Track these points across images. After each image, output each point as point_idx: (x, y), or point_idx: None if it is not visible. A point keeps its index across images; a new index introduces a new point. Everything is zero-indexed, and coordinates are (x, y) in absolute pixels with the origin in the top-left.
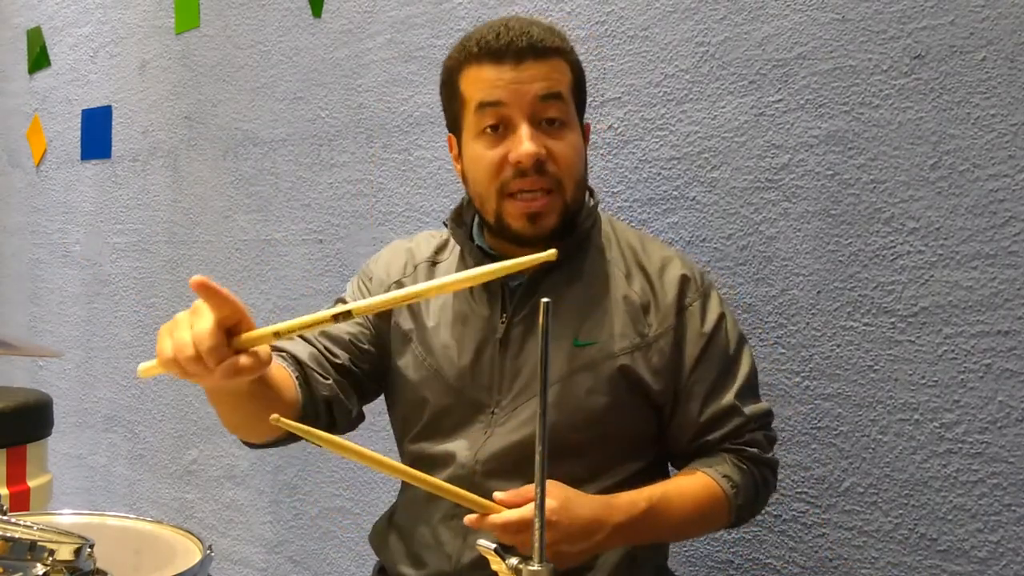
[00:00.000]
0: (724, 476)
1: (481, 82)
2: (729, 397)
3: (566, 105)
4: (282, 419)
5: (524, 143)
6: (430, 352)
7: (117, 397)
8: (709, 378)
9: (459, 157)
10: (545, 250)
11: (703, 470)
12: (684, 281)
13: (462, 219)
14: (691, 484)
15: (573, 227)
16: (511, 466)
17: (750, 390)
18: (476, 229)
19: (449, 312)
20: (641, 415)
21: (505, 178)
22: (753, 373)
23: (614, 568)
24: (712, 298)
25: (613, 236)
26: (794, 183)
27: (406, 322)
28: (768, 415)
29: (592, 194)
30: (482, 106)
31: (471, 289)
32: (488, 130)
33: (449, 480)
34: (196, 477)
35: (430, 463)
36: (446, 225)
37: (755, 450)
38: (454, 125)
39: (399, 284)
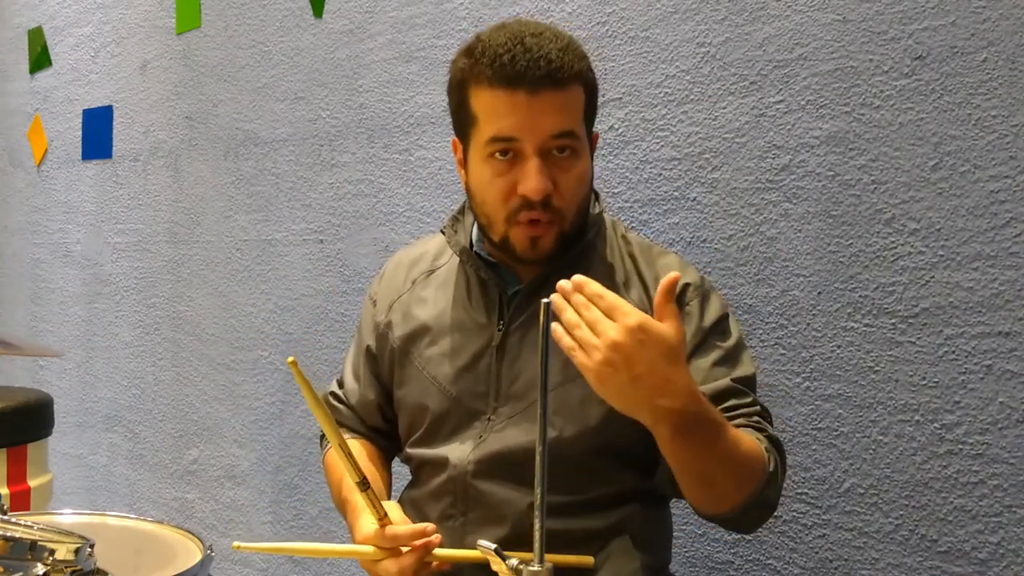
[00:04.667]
0: (756, 438)
1: (494, 111)
2: (726, 380)
3: (578, 137)
4: (242, 545)
5: (533, 178)
6: (429, 361)
7: (118, 397)
8: (705, 366)
9: (463, 164)
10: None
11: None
12: (682, 287)
13: (461, 223)
14: (739, 430)
15: (573, 242)
16: (504, 470)
17: (749, 387)
18: (476, 234)
19: (447, 320)
20: (639, 426)
21: (512, 207)
22: (753, 376)
23: (617, 570)
24: (712, 299)
25: (616, 243)
26: (795, 184)
27: (402, 332)
28: (768, 413)
29: (597, 199)
30: (494, 140)
31: (469, 297)
32: (497, 154)
33: (444, 482)
34: (197, 477)
35: (428, 466)
36: (443, 232)
37: (768, 431)
38: (461, 134)
39: (399, 300)
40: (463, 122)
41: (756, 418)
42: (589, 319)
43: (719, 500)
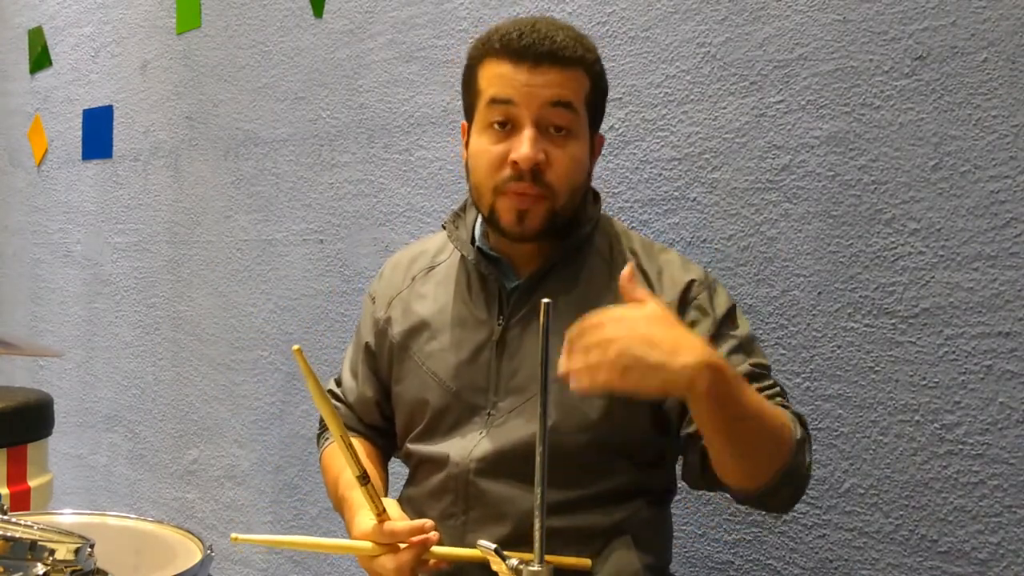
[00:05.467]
0: (783, 407)
1: (496, 78)
2: (745, 366)
3: (576, 115)
4: (240, 536)
5: (525, 145)
6: (429, 356)
7: (118, 397)
8: (721, 354)
9: (467, 145)
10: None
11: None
12: (687, 283)
13: (462, 219)
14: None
15: (565, 231)
16: (505, 467)
17: (766, 374)
18: (478, 229)
19: (447, 316)
20: (639, 421)
21: (502, 177)
22: (769, 366)
23: (618, 570)
24: (719, 292)
25: (615, 240)
26: (795, 184)
27: (401, 328)
28: (787, 394)
29: (597, 199)
30: (493, 102)
31: (469, 292)
32: (495, 125)
33: (444, 480)
34: (197, 477)
35: (427, 463)
36: (445, 228)
37: (791, 408)
38: (468, 114)
39: (399, 296)
40: (470, 98)
41: (779, 398)
42: (580, 351)
43: (755, 471)
